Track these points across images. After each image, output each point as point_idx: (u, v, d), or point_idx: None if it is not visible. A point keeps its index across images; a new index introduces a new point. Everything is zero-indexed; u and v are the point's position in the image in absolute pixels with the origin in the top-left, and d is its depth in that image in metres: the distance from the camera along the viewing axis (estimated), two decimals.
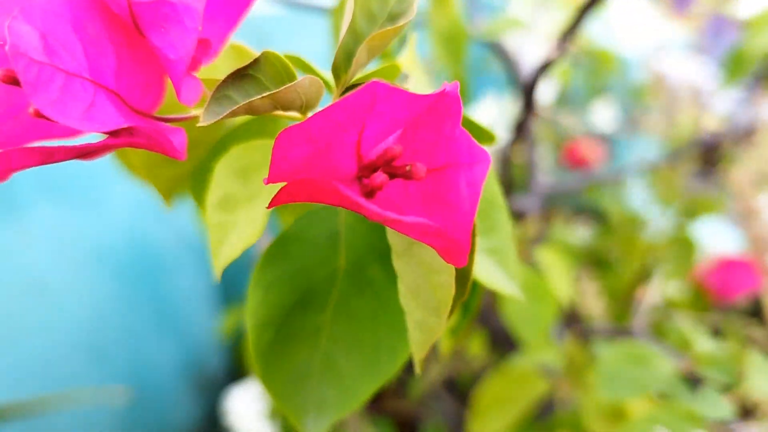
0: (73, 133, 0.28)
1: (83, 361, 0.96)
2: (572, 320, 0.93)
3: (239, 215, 0.33)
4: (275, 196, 0.24)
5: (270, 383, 0.35)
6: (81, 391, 0.91)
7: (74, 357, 0.94)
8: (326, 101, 0.31)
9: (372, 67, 0.35)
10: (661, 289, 0.92)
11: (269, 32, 1.14)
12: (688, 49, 1.58)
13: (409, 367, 0.40)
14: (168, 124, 0.26)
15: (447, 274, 0.29)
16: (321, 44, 0.91)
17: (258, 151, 0.33)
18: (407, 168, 0.24)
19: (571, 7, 1.21)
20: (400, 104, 0.23)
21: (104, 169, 1.07)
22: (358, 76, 0.31)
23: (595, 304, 0.87)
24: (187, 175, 0.38)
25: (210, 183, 0.33)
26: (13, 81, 0.25)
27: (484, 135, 0.41)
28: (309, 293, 0.35)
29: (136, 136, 0.24)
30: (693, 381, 0.56)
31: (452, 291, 0.29)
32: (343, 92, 0.30)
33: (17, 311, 0.88)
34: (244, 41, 0.37)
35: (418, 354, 0.33)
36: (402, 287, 0.31)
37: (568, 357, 0.79)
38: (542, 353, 0.78)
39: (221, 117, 0.25)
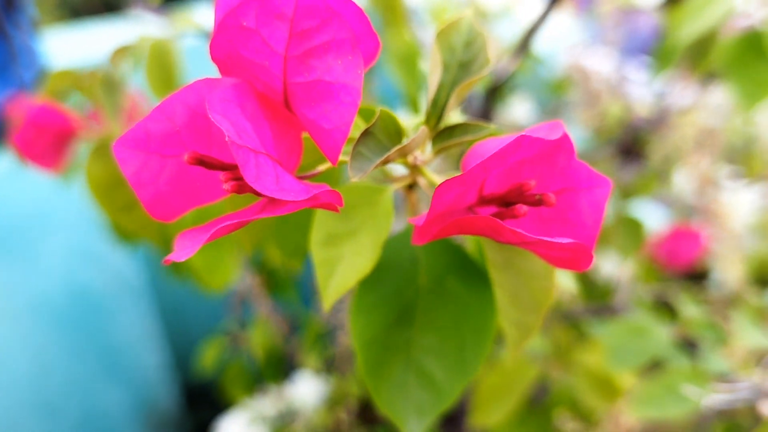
0: (221, 195, 0.32)
1: (32, 418, 0.94)
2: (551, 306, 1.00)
3: (344, 249, 0.37)
4: (434, 233, 0.29)
5: (378, 394, 0.39)
6: None
7: (22, 415, 0.93)
8: None
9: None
10: (625, 267, 1.01)
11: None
12: (594, 41, 1.69)
13: None
14: (323, 184, 0.30)
15: (548, 279, 0.35)
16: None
17: (353, 193, 0.38)
18: (537, 197, 0.29)
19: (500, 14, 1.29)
20: (530, 148, 0.29)
21: (36, 221, 1.06)
22: (446, 122, 0.36)
23: (566, 287, 0.94)
24: (268, 225, 0.42)
25: (312, 225, 0.38)
26: (197, 162, 0.29)
27: None
28: (402, 311, 0.40)
29: (312, 200, 0.28)
30: (686, 345, 0.64)
31: (552, 293, 0.35)
32: (436, 134, 0.35)
33: None
34: None
35: (514, 349, 0.38)
36: (500, 293, 0.36)
37: (555, 341, 0.86)
38: (530, 341, 0.84)
39: (367, 173, 0.30)
